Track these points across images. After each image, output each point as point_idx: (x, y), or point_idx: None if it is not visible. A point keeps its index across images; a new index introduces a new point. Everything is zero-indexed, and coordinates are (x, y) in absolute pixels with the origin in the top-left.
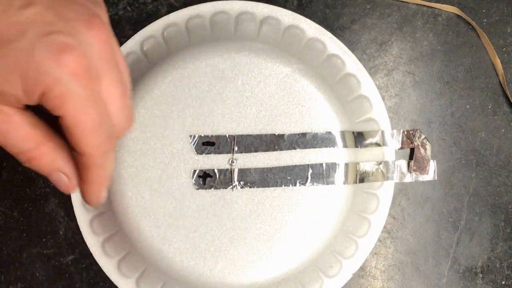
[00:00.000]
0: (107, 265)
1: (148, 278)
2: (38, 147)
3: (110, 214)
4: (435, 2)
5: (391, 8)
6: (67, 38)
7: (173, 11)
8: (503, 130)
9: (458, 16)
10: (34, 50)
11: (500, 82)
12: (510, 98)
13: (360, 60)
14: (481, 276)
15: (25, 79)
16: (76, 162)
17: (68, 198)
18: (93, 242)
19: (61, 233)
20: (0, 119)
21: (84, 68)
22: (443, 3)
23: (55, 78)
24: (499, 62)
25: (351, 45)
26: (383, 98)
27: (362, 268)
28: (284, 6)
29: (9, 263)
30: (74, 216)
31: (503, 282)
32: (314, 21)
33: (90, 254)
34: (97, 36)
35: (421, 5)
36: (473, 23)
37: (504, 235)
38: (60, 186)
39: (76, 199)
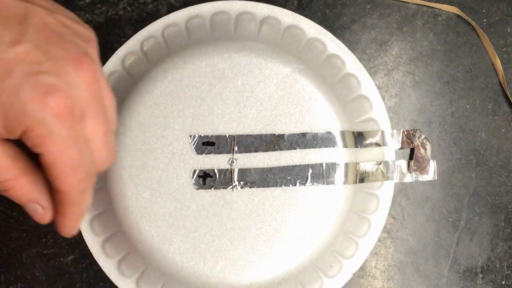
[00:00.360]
0: (107, 265)
1: (148, 278)
2: (16, 179)
3: (110, 214)
4: (435, 2)
5: (391, 8)
6: (53, 79)
7: (173, 11)
8: (503, 130)
9: (458, 16)
10: (20, 89)
11: (500, 82)
12: (510, 98)
13: (360, 60)
14: (481, 276)
15: (7, 118)
16: (53, 196)
17: None
18: (93, 242)
19: None
20: None
21: (68, 109)
22: (443, 3)
23: (38, 119)
24: (499, 62)
25: (351, 45)
26: (383, 98)
27: (362, 268)
28: (284, 6)
29: (9, 263)
30: None
31: (503, 282)
32: (314, 21)
33: (90, 254)
34: (84, 76)
35: (421, 5)
36: (473, 23)
37: (504, 235)
38: (35, 217)
39: None
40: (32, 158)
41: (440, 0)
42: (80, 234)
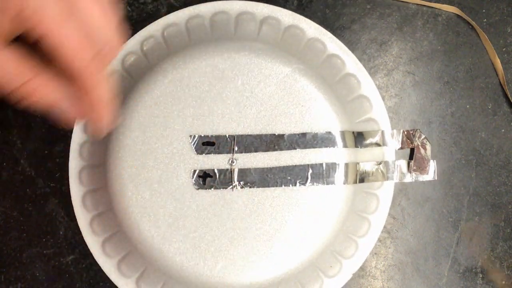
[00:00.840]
0: (107, 265)
1: (148, 278)
2: (33, 79)
3: (110, 214)
4: (435, 2)
5: (391, 8)
6: None
7: (173, 11)
8: (503, 130)
9: (458, 16)
10: None
11: (500, 82)
12: (510, 98)
13: (360, 60)
14: (481, 276)
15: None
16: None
17: (68, 198)
18: (93, 242)
19: (61, 233)
20: None
21: None
22: (443, 3)
23: None
24: (499, 62)
25: (351, 45)
26: (383, 98)
27: (362, 268)
28: (284, 6)
29: (9, 263)
30: (74, 216)
31: (503, 282)
32: (314, 21)
33: (90, 254)
34: None
35: (421, 5)
36: (473, 23)
37: (504, 235)
38: (62, 119)
39: (76, 199)
40: (41, 59)
41: (440, 0)
42: (80, 234)
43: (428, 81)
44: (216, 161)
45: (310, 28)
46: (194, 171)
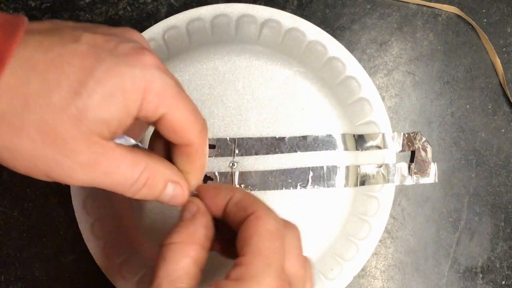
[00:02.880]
0: (108, 267)
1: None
2: (145, 170)
3: (111, 217)
4: (435, 2)
5: (391, 8)
6: (132, 43)
7: (173, 11)
8: (503, 130)
9: (458, 16)
10: (119, 65)
11: (500, 82)
12: (510, 98)
13: (360, 60)
14: (481, 276)
15: (124, 93)
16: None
17: (68, 198)
18: (94, 245)
19: (61, 233)
20: (102, 157)
21: (159, 61)
22: (443, 3)
23: (148, 77)
24: (499, 62)
25: (351, 45)
26: (383, 98)
27: (362, 268)
28: (284, 6)
29: (9, 263)
30: (74, 216)
31: (503, 282)
32: (314, 21)
33: (90, 254)
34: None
35: (421, 5)
36: (473, 23)
37: (504, 235)
38: (176, 198)
39: (77, 202)
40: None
41: (440, 0)
42: (80, 234)
43: (428, 81)
44: (216, 164)
45: (311, 31)
46: None
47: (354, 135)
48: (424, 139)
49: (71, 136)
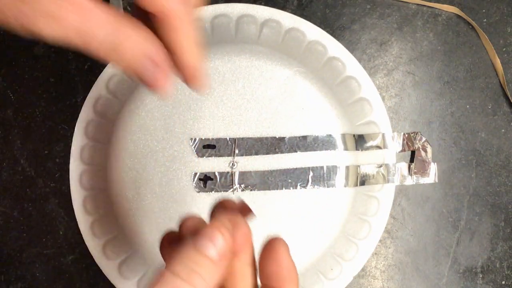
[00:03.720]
0: (108, 267)
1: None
2: (121, 30)
3: (111, 216)
4: (435, 2)
5: (391, 8)
6: None
7: None
8: (503, 130)
9: (458, 16)
10: None
11: (500, 82)
12: (510, 98)
13: (360, 60)
14: (481, 276)
15: None
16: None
17: (68, 198)
18: (94, 245)
19: (61, 233)
20: (77, 13)
21: None
22: (443, 3)
23: None
24: (499, 62)
25: (351, 45)
26: (383, 98)
27: (362, 268)
28: (284, 6)
29: (9, 263)
30: (74, 216)
31: (503, 282)
32: (314, 21)
33: (90, 254)
34: None
35: (421, 5)
36: (473, 23)
37: (504, 235)
38: (152, 76)
39: (76, 202)
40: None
41: (440, 0)
42: (80, 234)
43: (428, 81)
44: (216, 164)
45: (311, 31)
46: (195, 174)
47: (354, 135)
48: (424, 139)
49: None
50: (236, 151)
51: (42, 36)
